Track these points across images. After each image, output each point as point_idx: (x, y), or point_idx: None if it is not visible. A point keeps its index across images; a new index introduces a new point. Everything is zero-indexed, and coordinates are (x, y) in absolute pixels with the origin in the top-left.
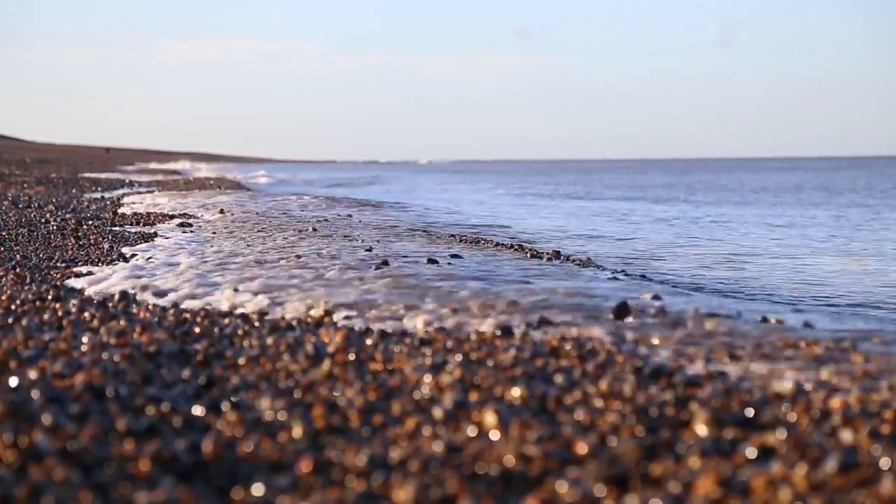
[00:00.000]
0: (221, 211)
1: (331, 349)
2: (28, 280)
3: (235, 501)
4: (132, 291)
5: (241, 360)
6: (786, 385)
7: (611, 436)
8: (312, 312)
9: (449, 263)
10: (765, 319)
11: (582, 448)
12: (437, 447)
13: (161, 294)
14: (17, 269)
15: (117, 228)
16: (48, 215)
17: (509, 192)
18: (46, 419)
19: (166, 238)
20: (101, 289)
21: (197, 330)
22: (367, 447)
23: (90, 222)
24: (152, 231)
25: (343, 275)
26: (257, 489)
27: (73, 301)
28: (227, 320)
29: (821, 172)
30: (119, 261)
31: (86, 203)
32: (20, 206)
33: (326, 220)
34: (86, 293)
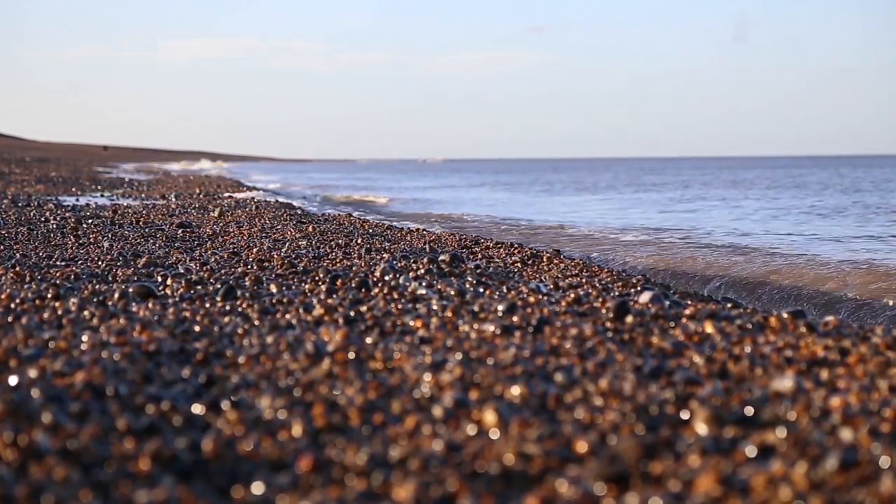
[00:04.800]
0: None
1: (331, 347)
2: (27, 278)
3: (235, 500)
4: None
5: (241, 359)
6: (786, 384)
7: (611, 434)
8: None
9: None
10: (765, 318)
11: (582, 446)
12: (437, 445)
13: None
14: (17, 268)
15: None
16: (48, 214)
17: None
18: (46, 418)
19: None
20: None
21: (197, 328)
22: (367, 446)
23: (90, 220)
24: None
25: None
26: (257, 488)
27: (73, 299)
28: (227, 318)
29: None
30: None
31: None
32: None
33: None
34: None
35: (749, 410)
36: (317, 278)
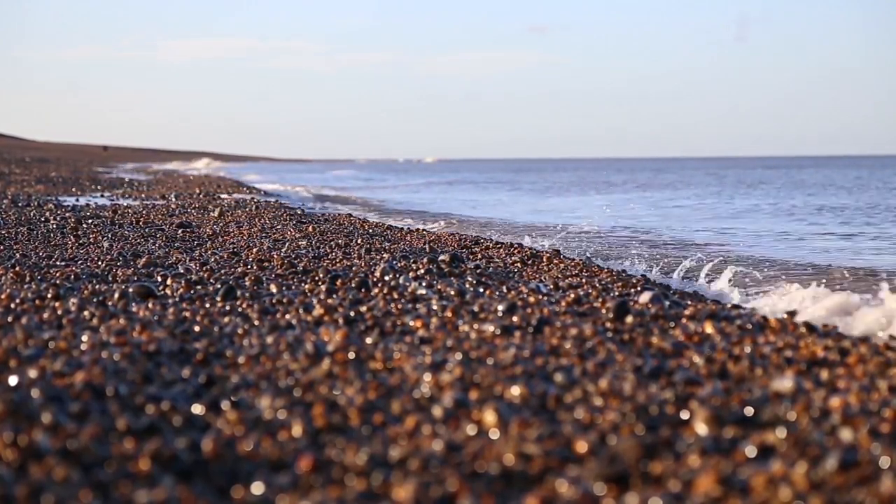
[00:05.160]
0: None
1: (331, 348)
2: (28, 278)
3: (235, 500)
4: None
5: (241, 359)
6: (786, 384)
7: (611, 434)
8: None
9: None
10: (765, 318)
11: (582, 446)
12: (437, 446)
13: None
14: (17, 268)
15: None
16: (48, 214)
17: None
18: (46, 418)
19: None
20: None
21: (197, 328)
22: (367, 446)
23: (90, 220)
24: None
25: None
26: (257, 488)
27: (73, 299)
28: (227, 319)
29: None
30: None
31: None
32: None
33: None
34: None
35: (749, 410)
36: (317, 278)
